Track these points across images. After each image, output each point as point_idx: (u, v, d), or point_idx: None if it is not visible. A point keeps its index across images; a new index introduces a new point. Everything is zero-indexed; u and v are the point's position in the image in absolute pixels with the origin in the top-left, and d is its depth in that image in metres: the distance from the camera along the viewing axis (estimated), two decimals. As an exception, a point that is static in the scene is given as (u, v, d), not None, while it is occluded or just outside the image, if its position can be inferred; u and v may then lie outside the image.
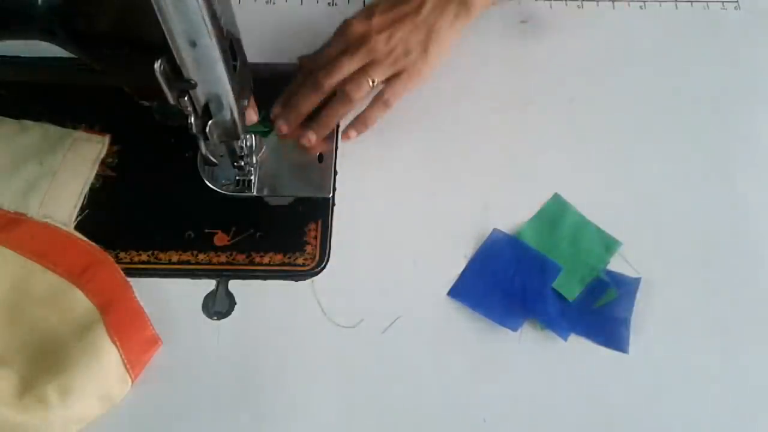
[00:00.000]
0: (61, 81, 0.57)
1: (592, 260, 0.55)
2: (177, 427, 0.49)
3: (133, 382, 0.50)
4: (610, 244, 0.55)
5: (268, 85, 0.61)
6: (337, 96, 0.57)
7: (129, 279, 0.52)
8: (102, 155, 0.59)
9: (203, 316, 0.53)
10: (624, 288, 0.53)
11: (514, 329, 0.52)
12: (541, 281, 0.54)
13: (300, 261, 0.55)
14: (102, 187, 0.58)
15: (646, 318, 0.53)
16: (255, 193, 0.58)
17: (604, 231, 0.56)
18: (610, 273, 0.54)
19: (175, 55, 0.41)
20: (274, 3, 0.68)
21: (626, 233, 0.56)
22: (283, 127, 0.59)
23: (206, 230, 0.56)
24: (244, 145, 0.55)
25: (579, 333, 0.52)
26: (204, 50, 0.41)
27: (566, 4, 0.68)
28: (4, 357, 0.49)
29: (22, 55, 0.54)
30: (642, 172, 0.59)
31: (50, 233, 0.54)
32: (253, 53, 0.51)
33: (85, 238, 0.54)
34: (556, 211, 0.57)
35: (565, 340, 0.52)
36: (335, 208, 0.57)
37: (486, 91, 0.63)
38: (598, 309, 0.53)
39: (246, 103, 0.49)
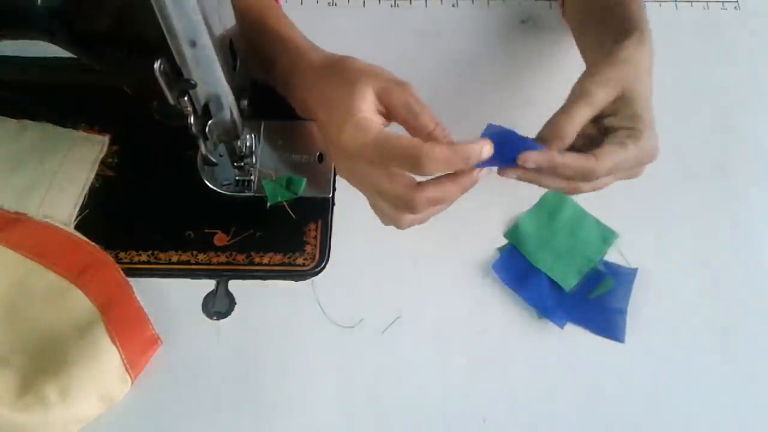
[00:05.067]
0: (61, 81, 0.57)
1: (590, 251, 0.55)
2: (177, 427, 0.49)
3: (133, 382, 0.50)
4: (607, 236, 0.56)
5: (268, 86, 0.61)
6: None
7: (129, 279, 0.52)
8: (102, 155, 0.59)
9: (203, 316, 0.53)
10: (621, 279, 0.54)
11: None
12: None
13: (300, 261, 0.55)
14: (102, 187, 0.58)
15: (642, 308, 0.53)
16: (255, 193, 0.58)
17: (601, 222, 0.56)
18: (607, 264, 0.55)
19: (175, 55, 0.41)
20: (274, 3, 0.68)
21: (624, 225, 0.56)
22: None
23: (206, 230, 0.56)
24: (244, 145, 0.55)
25: (575, 322, 0.53)
26: (204, 50, 0.41)
27: (566, 4, 0.68)
28: (4, 357, 0.49)
29: (22, 55, 0.54)
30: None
31: (50, 233, 0.54)
32: (253, 53, 0.51)
33: (85, 238, 0.54)
34: (554, 203, 0.57)
35: (562, 328, 0.52)
36: (335, 208, 0.58)
37: (486, 91, 0.63)
38: (595, 299, 0.53)
39: (246, 103, 0.49)
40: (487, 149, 0.41)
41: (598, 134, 0.48)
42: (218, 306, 0.53)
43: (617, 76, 0.47)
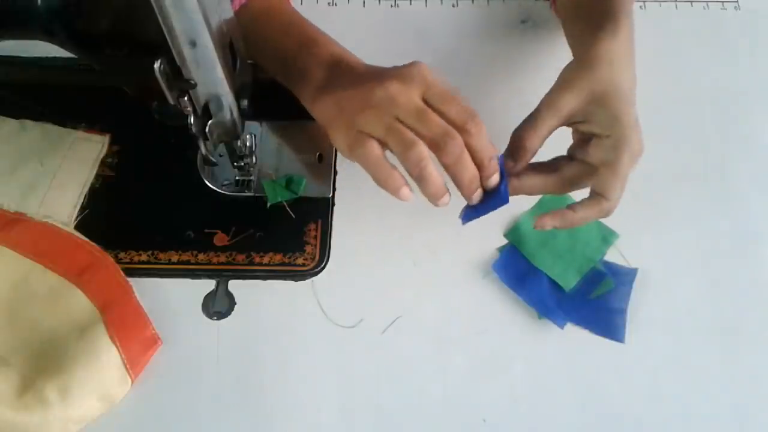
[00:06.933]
0: (61, 81, 0.57)
1: (590, 251, 0.55)
2: (177, 427, 0.49)
3: (133, 382, 0.50)
4: (607, 236, 0.56)
5: (268, 86, 0.61)
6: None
7: (129, 279, 0.52)
8: (102, 155, 0.59)
9: (203, 316, 0.53)
10: (621, 279, 0.54)
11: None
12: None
13: (300, 261, 0.55)
14: (102, 187, 0.58)
15: (642, 308, 0.53)
16: (255, 193, 0.58)
17: (601, 223, 0.56)
18: (607, 264, 0.55)
19: (175, 55, 0.41)
20: (274, 3, 0.68)
21: (624, 225, 0.56)
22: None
23: (206, 230, 0.56)
24: (244, 145, 0.55)
25: (575, 322, 0.53)
26: (204, 50, 0.41)
27: (566, 4, 0.68)
28: (4, 357, 0.49)
29: (22, 55, 0.54)
30: (641, 169, 0.59)
31: (50, 233, 0.54)
32: (253, 53, 0.51)
33: (85, 238, 0.54)
34: (554, 203, 0.57)
35: (562, 328, 0.52)
36: (335, 208, 0.58)
37: (486, 91, 0.63)
38: (595, 299, 0.53)
39: (246, 103, 0.49)
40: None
41: (579, 141, 0.48)
42: (218, 306, 0.53)
43: (585, 76, 0.46)
